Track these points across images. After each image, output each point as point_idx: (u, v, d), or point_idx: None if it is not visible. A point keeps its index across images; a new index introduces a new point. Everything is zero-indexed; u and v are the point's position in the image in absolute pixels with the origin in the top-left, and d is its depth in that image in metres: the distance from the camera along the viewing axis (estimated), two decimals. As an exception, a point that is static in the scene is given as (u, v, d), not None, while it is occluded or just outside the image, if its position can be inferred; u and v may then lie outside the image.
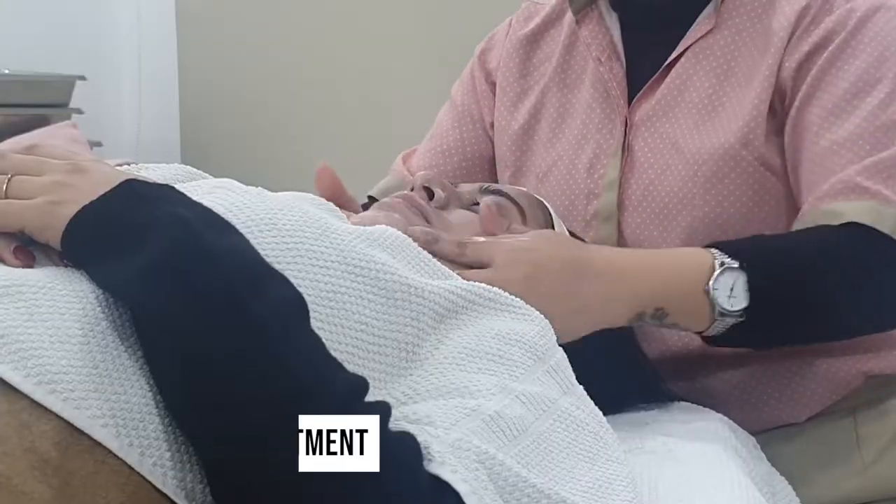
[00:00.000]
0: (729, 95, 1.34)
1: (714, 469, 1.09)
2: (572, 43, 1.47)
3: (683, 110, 1.36)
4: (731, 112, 1.33)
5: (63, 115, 2.79)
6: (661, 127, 1.37)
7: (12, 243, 0.84)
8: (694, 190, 1.33)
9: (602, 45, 1.42)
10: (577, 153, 1.42)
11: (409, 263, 0.98)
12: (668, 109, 1.37)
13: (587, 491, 0.87)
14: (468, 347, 0.92)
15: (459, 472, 0.77)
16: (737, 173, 1.32)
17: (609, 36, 1.43)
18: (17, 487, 0.69)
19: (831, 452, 1.36)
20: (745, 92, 1.33)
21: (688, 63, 1.37)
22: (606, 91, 1.41)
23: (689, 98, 1.36)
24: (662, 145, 1.36)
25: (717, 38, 1.36)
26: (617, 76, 1.41)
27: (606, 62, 1.41)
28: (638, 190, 1.37)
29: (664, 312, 1.17)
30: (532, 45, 1.51)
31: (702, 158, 1.32)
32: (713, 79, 1.35)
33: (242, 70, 3.14)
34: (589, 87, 1.44)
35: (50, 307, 0.77)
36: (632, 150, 1.38)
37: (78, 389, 0.74)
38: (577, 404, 0.95)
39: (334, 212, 1.04)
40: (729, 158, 1.31)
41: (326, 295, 0.87)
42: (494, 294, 0.99)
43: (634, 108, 1.39)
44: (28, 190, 0.85)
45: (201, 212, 0.83)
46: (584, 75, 1.45)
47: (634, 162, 1.37)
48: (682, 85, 1.36)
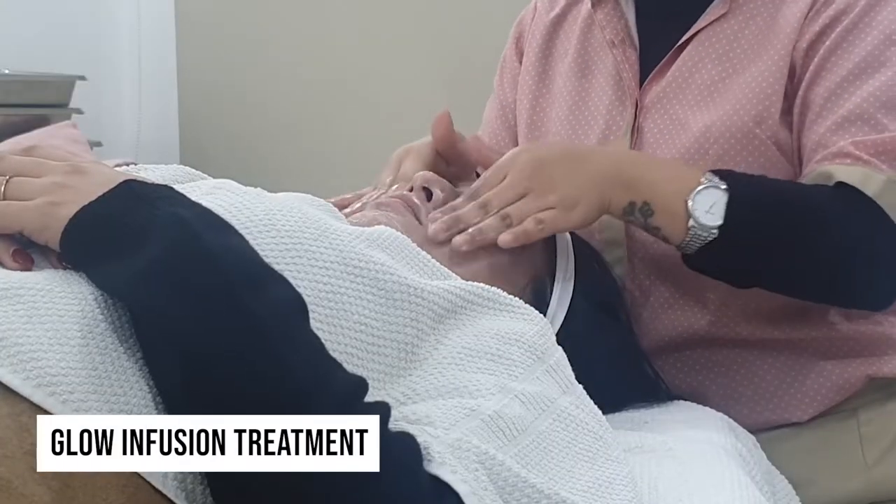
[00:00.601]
0: (738, 76, 1.35)
1: (714, 468, 1.09)
2: (588, 27, 1.48)
3: (692, 91, 1.37)
4: (741, 92, 1.34)
5: (63, 115, 2.79)
6: (669, 108, 1.38)
7: (11, 246, 0.84)
8: (700, 164, 1.33)
9: (616, 29, 1.43)
10: (587, 133, 1.43)
11: (408, 264, 0.98)
12: (678, 91, 1.38)
13: (587, 490, 0.87)
14: (467, 347, 0.92)
15: (459, 473, 0.78)
16: (748, 151, 1.32)
17: (624, 20, 1.44)
18: (17, 490, 0.69)
19: (834, 453, 1.36)
20: (757, 72, 1.34)
21: (699, 46, 1.38)
22: (619, 75, 1.42)
23: (698, 80, 1.37)
24: (672, 125, 1.37)
25: (730, 23, 1.37)
26: (630, 59, 1.42)
27: (620, 45, 1.42)
28: None
29: (650, 209, 1.22)
30: (556, 28, 1.53)
31: (712, 136, 1.33)
32: (723, 61, 1.36)
33: (242, 71, 3.14)
34: (602, 71, 1.45)
35: (49, 309, 0.77)
36: (641, 131, 1.39)
37: (77, 391, 0.74)
38: (576, 403, 0.95)
39: (333, 212, 1.04)
40: (742, 136, 1.32)
41: (326, 296, 0.87)
42: (493, 294, 0.99)
43: (645, 91, 1.40)
44: (27, 191, 0.85)
45: (201, 212, 0.83)
46: (598, 60, 1.46)
47: (644, 142, 1.38)
48: (693, 67, 1.37)
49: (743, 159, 1.32)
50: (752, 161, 1.32)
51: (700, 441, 1.16)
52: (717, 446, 1.15)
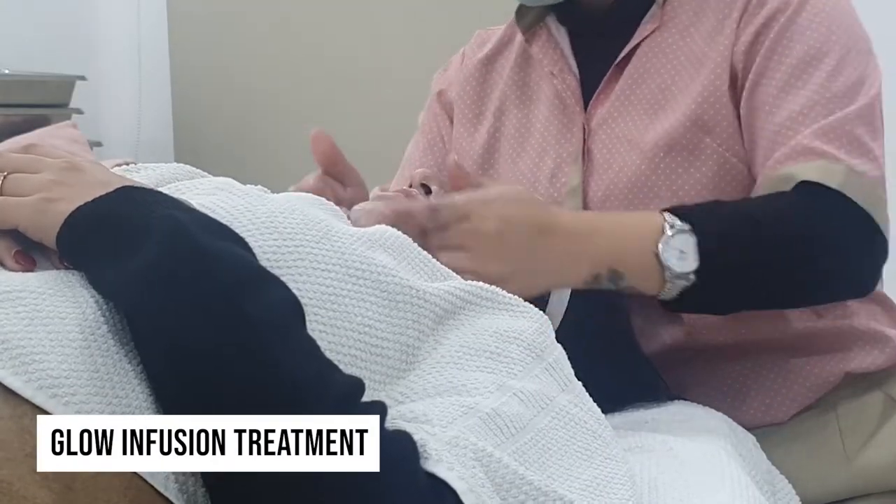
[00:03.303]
0: (679, 86, 1.35)
1: (714, 468, 1.09)
2: (525, 61, 1.49)
3: (636, 107, 1.37)
4: (685, 103, 1.34)
5: (63, 115, 2.80)
6: (615, 127, 1.38)
7: (13, 247, 0.84)
8: (654, 179, 1.34)
9: (554, 59, 1.45)
10: (538, 165, 1.43)
11: (409, 264, 0.98)
12: (623, 109, 1.38)
13: (585, 488, 0.87)
14: (465, 345, 0.92)
15: (456, 470, 0.77)
16: (701, 161, 1.32)
17: (559, 49, 1.45)
18: (18, 493, 0.69)
19: (815, 447, 1.37)
20: (698, 82, 1.34)
21: (638, 62, 1.39)
22: (563, 102, 1.43)
23: (641, 95, 1.37)
24: (619, 144, 1.37)
25: (665, 35, 1.38)
26: (571, 86, 1.43)
27: (559, 74, 1.44)
28: (598, 191, 1.38)
29: (619, 275, 1.17)
30: (487, 68, 1.53)
31: (661, 150, 1.33)
32: (664, 73, 1.37)
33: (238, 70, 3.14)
34: (545, 102, 1.46)
35: (51, 312, 0.77)
36: (591, 153, 1.39)
37: (79, 394, 0.74)
38: (575, 402, 0.95)
39: (335, 213, 1.04)
40: (693, 147, 1.32)
41: (328, 298, 0.87)
42: (493, 293, 0.99)
43: (591, 114, 1.40)
44: (24, 188, 0.85)
45: (197, 215, 0.83)
46: (540, 91, 1.47)
47: (594, 165, 1.39)
48: (634, 83, 1.38)
49: (696, 169, 1.32)
50: (706, 170, 1.32)
51: (700, 441, 1.16)
52: (717, 446, 1.15)
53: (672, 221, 1.18)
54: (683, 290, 1.19)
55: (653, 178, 1.33)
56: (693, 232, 1.18)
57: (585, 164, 1.39)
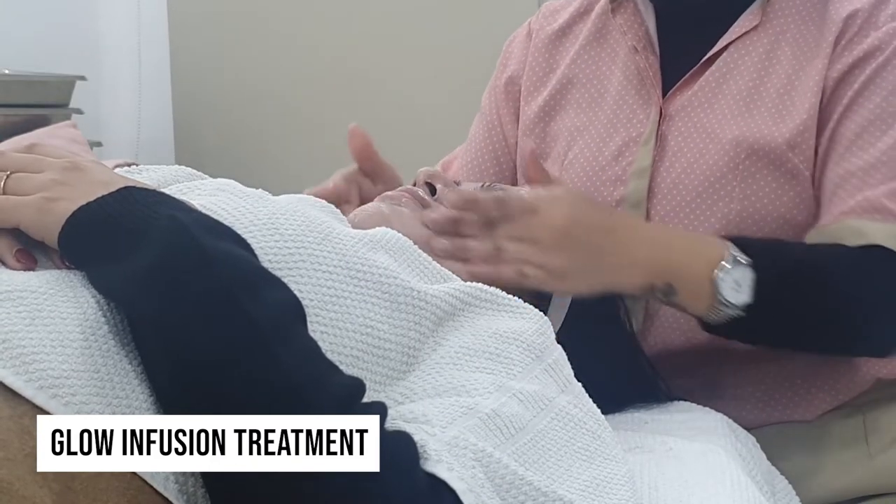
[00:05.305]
0: (770, 93, 1.34)
1: (714, 468, 1.09)
2: (601, 32, 1.47)
3: (723, 101, 1.36)
4: (776, 109, 1.33)
5: (63, 115, 2.80)
6: (696, 117, 1.37)
7: (14, 246, 0.84)
8: (730, 177, 1.33)
9: (638, 35, 1.43)
10: (604, 140, 1.42)
11: (409, 266, 0.99)
12: (707, 100, 1.37)
13: (584, 489, 0.87)
14: (465, 346, 0.92)
15: (456, 470, 0.78)
16: (781, 172, 1.31)
17: (644, 26, 1.44)
18: (18, 492, 0.69)
19: (838, 444, 1.36)
20: (792, 92, 1.33)
21: (729, 58, 1.37)
22: (641, 80, 1.42)
23: (729, 89, 1.36)
24: (697, 134, 1.36)
25: (761, 36, 1.37)
26: (653, 66, 1.41)
27: (643, 51, 1.42)
28: (668, 178, 1.37)
29: (673, 289, 1.19)
30: (560, 39, 1.52)
31: (744, 151, 1.32)
32: (755, 74, 1.36)
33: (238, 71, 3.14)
34: (620, 76, 1.44)
35: (51, 312, 0.78)
36: (664, 138, 1.38)
37: (79, 394, 0.74)
38: (574, 402, 0.95)
39: (336, 215, 1.04)
40: (775, 158, 1.31)
41: (330, 299, 0.87)
42: (493, 294, 0.99)
43: (669, 100, 1.39)
44: (25, 187, 0.85)
45: (198, 216, 0.83)
46: (614, 65, 1.45)
47: (667, 150, 1.37)
48: (722, 78, 1.37)
49: (774, 179, 1.32)
50: (784, 182, 1.31)
51: (700, 441, 1.16)
52: (716, 446, 1.15)
53: (735, 253, 1.19)
54: (730, 319, 1.20)
55: (728, 175, 1.33)
56: (753, 268, 1.19)
57: (657, 147, 1.38)
